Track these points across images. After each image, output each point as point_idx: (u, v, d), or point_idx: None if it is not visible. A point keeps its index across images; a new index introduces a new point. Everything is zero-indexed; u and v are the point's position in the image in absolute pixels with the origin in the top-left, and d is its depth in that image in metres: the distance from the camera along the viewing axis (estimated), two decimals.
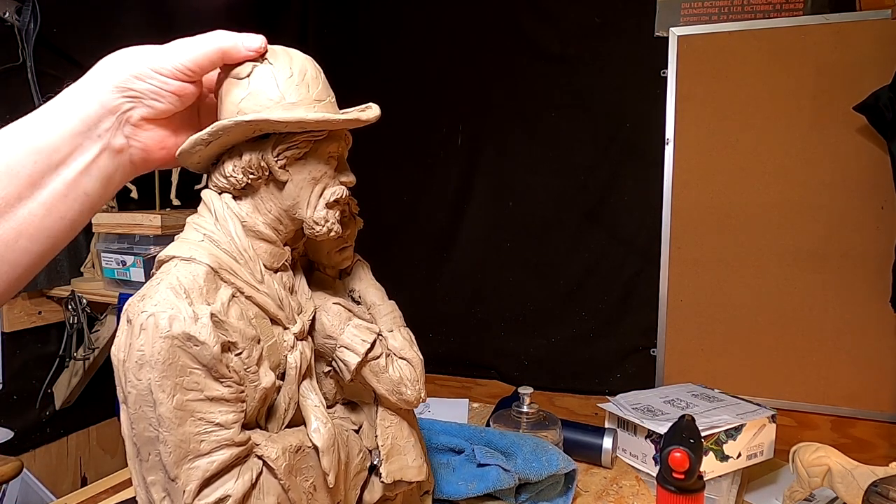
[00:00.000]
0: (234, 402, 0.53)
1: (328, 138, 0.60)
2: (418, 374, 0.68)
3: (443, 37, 2.08)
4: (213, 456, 0.51)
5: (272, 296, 0.59)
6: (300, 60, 0.59)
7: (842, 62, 1.62)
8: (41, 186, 0.50)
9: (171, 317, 0.50)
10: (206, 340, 0.51)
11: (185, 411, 0.50)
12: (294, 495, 0.56)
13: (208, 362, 0.51)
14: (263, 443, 0.56)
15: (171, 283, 0.52)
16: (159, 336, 0.50)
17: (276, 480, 0.55)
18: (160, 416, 0.50)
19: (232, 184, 0.59)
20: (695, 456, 0.76)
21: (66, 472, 1.73)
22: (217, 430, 0.52)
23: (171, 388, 0.50)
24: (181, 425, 0.50)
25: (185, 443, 0.50)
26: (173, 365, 0.50)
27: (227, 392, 0.53)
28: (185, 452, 0.51)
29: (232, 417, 0.53)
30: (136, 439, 0.52)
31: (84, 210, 0.53)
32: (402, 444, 0.68)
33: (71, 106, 0.51)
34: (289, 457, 0.56)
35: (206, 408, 0.51)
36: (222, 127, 0.55)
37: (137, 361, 0.50)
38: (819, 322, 1.68)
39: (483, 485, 0.85)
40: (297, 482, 0.57)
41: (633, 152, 1.87)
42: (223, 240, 0.57)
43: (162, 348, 0.50)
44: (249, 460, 0.55)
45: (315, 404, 0.61)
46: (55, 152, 0.50)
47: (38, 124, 0.50)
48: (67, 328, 1.62)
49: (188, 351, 0.50)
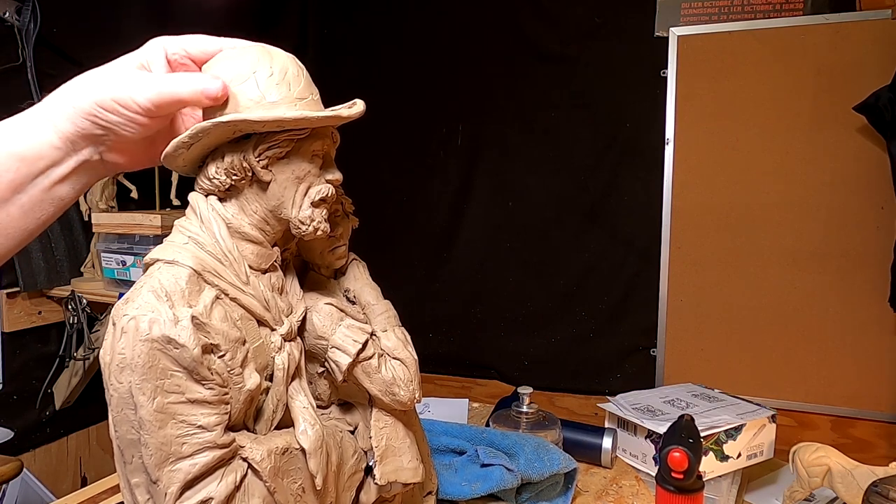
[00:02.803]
0: (217, 405, 0.53)
1: (311, 136, 0.59)
2: (412, 374, 0.67)
3: (443, 37, 2.08)
4: (195, 458, 0.51)
5: (258, 297, 0.59)
6: (281, 59, 0.59)
7: (842, 62, 1.61)
8: (20, 191, 0.52)
9: (152, 320, 0.50)
10: (186, 343, 0.50)
11: (166, 414, 0.50)
12: (280, 497, 0.56)
13: (188, 365, 0.51)
14: (248, 445, 0.55)
15: (153, 286, 0.52)
16: (139, 339, 0.50)
17: (262, 482, 0.55)
18: (141, 418, 0.50)
19: (216, 185, 0.58)
20: (694, 456, 0.76)
21: (66, 472, 1.73)
22: (199, 433, 0.52)
23: (151, 391, 0.50)
24: (162, 428, 0.50)
25: (166, 445, 0.50)
26: (153, 368, 0.50)
27: (210, 394, 0.52)
28: (166, 455, 0.51)
29: (214, 420, 0.52)
30: (119, 442, 0.53)
31: (58, 211, 0.56)
32: (398, 445, 0.67)
33: (48, 121, 0.52)
34: (274, 458, 0.56)
35: (187, 410, 0.51)
36: (201, 129, 0.55)
37: (119, 364, 0.50)
38: (819, 322, 1.68)
39: (487, 485, 0.85)
40: (283, 484, 0.56)
41: (633, 152, 1.87)
42: (208, 242, 0.57)
43: (142, 351, 0.50)
44: (234, 462, 0.54)
45: (303, 406, 0.60)
46: (37, 160, 0.52)
47: (19, 132, 0.52)
48: (67, 328, 1.62)
49: (168, 354, 0.50)
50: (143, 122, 0.54)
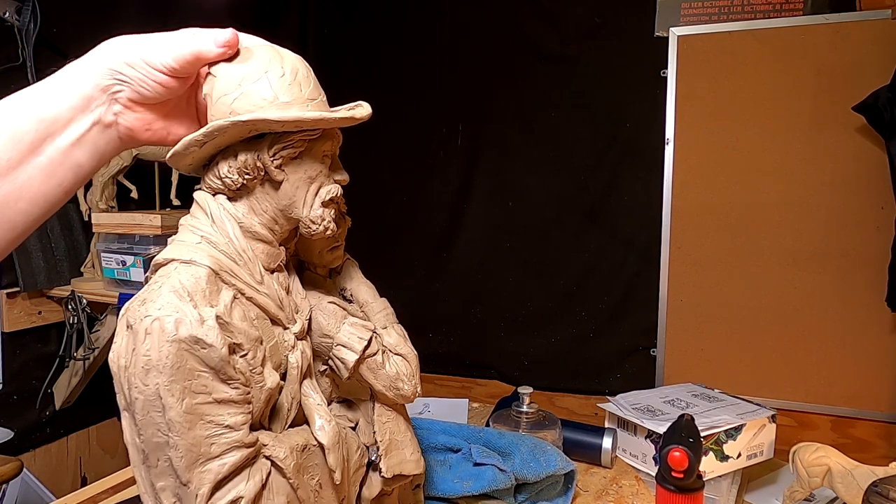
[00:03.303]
0: (242, 404, 0.53)
1: (322, 137, 0.60)
2: (414, 369, 0.69)
3: (443, 37, 2.08)
4: (224, 458, 0.51)
5: (272, 296, 0.59)
6: (291, 60, 0.59)
7: (842, 62, 1.62)
8: (39, 153, 0.54)
9: (178, 320, 0.50)
10: (214, 343, 0.50)
11: (195, 415, 0.50)
12: (303, 493, 0.57)
13: (216, 365, 0.51)
14: (271, 443, 0.56)
15: (174, 285, 0.52)
16: (166, 340, 0.49)
17: (286, 480, 0.56)
18: (170, 420, 0.50)
19: (227, 185, 0.58)
20: (694, 455, 0.76)
21: (66, 472, 1.73)
22: (227, 433, 0.52)
23: (180, 392, 0.50)
24: (191, 429, 0.50)
25: (195, 446, 0.50)
26: (181, 369, 0.50)
27: (235, 394, 0.53)
28: (196, 456, 0.50)
29: (241, 419, 0.53)
30: (143, 445, 0.52)
31: (77, 180, 0.57)
32: (400, 438, 0.69)
33: (70, 82, 0.55)
34: (296, 456, 0.57)
35: (215, 410, 0.51)
36: (218, 127, 0.55)
37: (144, 367, 0.50)
38: (819, 322, 1.68)
39: (478, 484, 0.85)
40: (304, 480, 0.57)
41: (633, 152, 1.88)
42: (221, 241, 0.57)
43: (169, 352, 0.49)
44: (258, 461, 0.55)
45: (317, 403, 0.61)
46: (54, 122, 0.54)
47: (42, 95, 0.54)
48: (67, 328, 1.62)
49: (196, 354, 0.50)
50: (164, 81, 0.55)
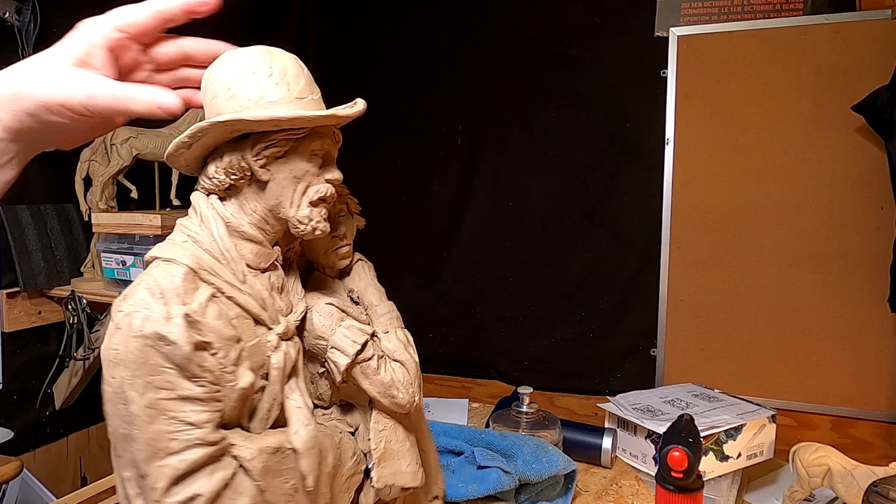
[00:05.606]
0: (208, 402, 0.53)
1: (311, 136, 0.59)
2: (412, 376, 0.66)
3: (443, 37, 2.08)
4: (184, 455, 0.52)
5: (254, 296, 0.59)
6: (281, 59, 0.59)
7: (842, 62, 1.61)
8: None
9: (145, 317, 0.51)
10: (178, 340, 0.51)
11: (157, 409, 0.51)
12: (271, 497, 0.56)
13: (180, 362, 0.51)
14: (239, 443, 0.55)
15: (149, 283, 0.53)
16: (131, 335, 0.51)
17: (252, 481, 0.55)
18: (132, 413, 0.51)
19: (216, 185, 0.59)
20: (693, 455, 0.76)
21: (66, 472, 1.73)
22: (189, 429, 0.52)
23: (142, 387, 0.50)
24: (152, 423, 0.51)
25: (155, 441, 0.51)
26: (145, 364, 0.51)
27: (201, 391, 0.53)
28: (155, 450, 0.51)
29: (205, 417, 0.53)
30: (112, 436, 0.54)
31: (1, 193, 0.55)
32: (397, 448, 0.67)
33: None
34: (265, 457, 0.56)
35: (178, 407, 0.52)
36: (200, 128, 0.55)
37: (112, 360, 0.51)
38: (819, 322, 1.68)
39: (484, 487, 0.86)
40: (275, 483, 0.56)
41: (633, 152, 1.87)
42: (206, 240, 0.58)
43: (134, 347, 0.50)
44: (224, 460, 0.54)
45: (298, 406, 0.60)
46: None
47: None
48: (67, 328, 1.62)
49: (160, 350, 0.51)
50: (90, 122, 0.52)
